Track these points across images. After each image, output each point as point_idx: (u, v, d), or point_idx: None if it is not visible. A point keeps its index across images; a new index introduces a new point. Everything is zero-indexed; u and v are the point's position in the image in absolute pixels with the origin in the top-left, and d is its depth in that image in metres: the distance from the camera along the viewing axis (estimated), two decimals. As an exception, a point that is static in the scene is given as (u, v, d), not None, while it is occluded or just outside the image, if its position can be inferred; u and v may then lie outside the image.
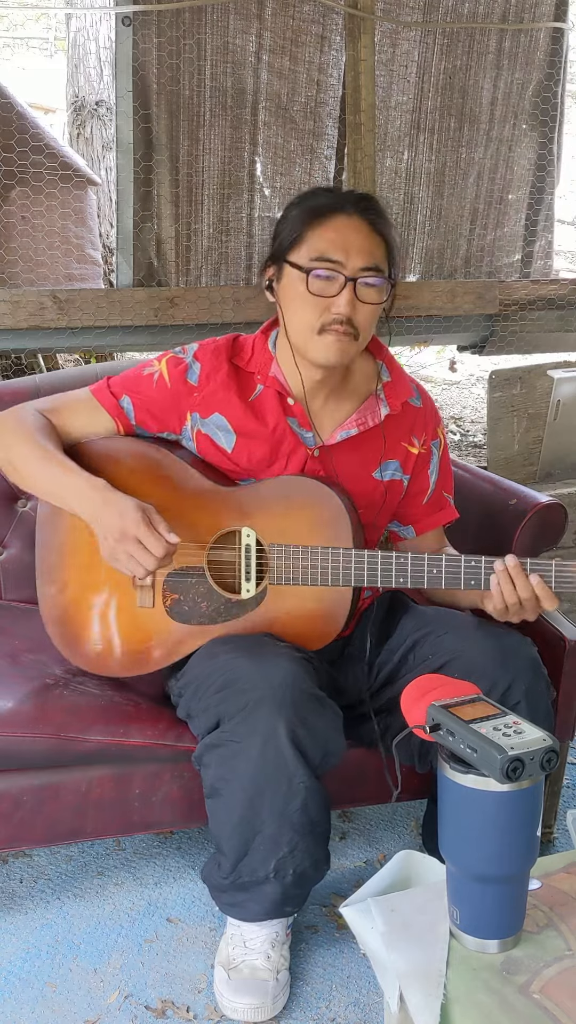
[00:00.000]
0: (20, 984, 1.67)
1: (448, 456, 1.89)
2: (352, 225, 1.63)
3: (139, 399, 1.74)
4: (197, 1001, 1.65)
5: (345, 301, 1.61)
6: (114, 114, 2.80)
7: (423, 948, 1.18)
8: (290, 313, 1.67)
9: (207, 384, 1.73)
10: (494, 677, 1.61)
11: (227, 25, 2.83)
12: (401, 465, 1.80)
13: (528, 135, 3.38)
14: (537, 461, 3.35)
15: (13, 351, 2.98)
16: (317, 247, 1.61)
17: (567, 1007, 1.08)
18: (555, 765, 1.12)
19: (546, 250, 3.55)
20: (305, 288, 1.61)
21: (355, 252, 1.61)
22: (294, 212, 1.66)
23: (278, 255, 1.67)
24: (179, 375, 1.74)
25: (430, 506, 1.86)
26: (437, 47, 3.14)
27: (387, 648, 1.77)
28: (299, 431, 1.74)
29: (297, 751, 1.51)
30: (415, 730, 1.21)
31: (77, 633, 1.78)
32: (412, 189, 3.25)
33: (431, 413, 1.85)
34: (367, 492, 1.77)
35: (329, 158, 3.12)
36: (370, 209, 1.66)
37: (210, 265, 2.98)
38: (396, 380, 1.80)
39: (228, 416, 1.72)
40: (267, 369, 1.74)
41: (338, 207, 1.63)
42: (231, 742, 1.53)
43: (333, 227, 1.62)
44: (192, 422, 1.74)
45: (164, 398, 1.74)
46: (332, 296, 1.61)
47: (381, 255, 1.65)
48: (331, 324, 1.62)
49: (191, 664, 1.69)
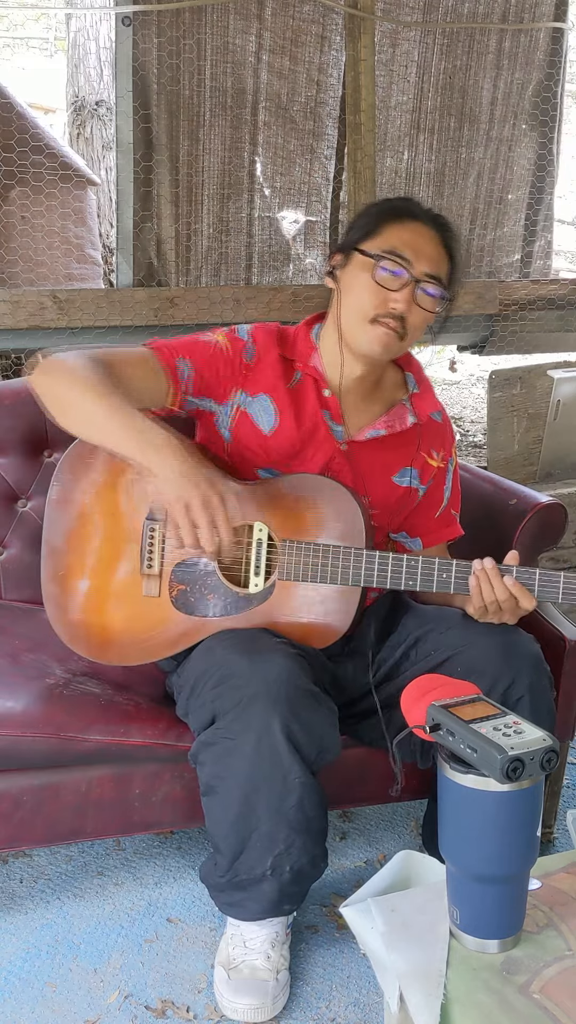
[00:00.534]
0: (20, 984, 1.67)
1: (459, 475, 1.94)
2: (426, 233, 1.69)
3: (197, 362, 1.72)
4: (197, 1001, 1.65)
5: (404, 298, 1.65)
6: (114, 114, 2.80)
7: (423, 948, 1.18)
8: (349, 298, 1.70)
9: (259, 364, 1.75)
10: (498, 672, 1.61)
11: (227, 25, 2.83)
12: (419, 475, 1.83)
13: (528, 135, 3.38)
14: (537, 461, 3.35)
15: (13, 351, 2.98)
16: (391, 241, 1.67)
17: (567, 1007, 1.08)
18: (555, 765, 1.12)
19: (545, 250, 3.55)
20: (370, 276, 1.66)
21: (424, 257, 1.67)
22: (374, 210, 1.74)
23: (349, 244, 1.72)
24: (238, 350, 1.75)
25: (440, 520, 1.89)
26: (437, 47, 3.15)
27: (388, 644, 1.77)
28: (331, 423, 1.76)
29: (292, 747, 1.51)
30: (415, 730, 1.21)
31: (78, 617, 1.76)
32: (412, 189, 3.25)
33: (449, 430, 1.90)
34: (385, 495, 1.80)
35: (329, 158, 3.13)
36: (445, 227, 1.73)
37: (210, 265, 2.98)
38: (424, 393, 1.85)
39: (275, 397, 1.74)
40: (307, 358, 1.77)
41: (417, 215, 1.71)
42: (226, 739, 1.54)
43: (409, 228, 1.68)
44: (237, 399, 1.75)
45: (221, 365, 1.74)
46: (394, 290, 1.66)
47: (446, 269, 1.71)
48: (384, 316, 1.66)
49: (189, 661, 1.69)
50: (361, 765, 1.79)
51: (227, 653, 1.59)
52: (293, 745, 1.51)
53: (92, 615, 1.76)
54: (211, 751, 1.56)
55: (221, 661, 1.58)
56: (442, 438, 1.87)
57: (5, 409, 2.10)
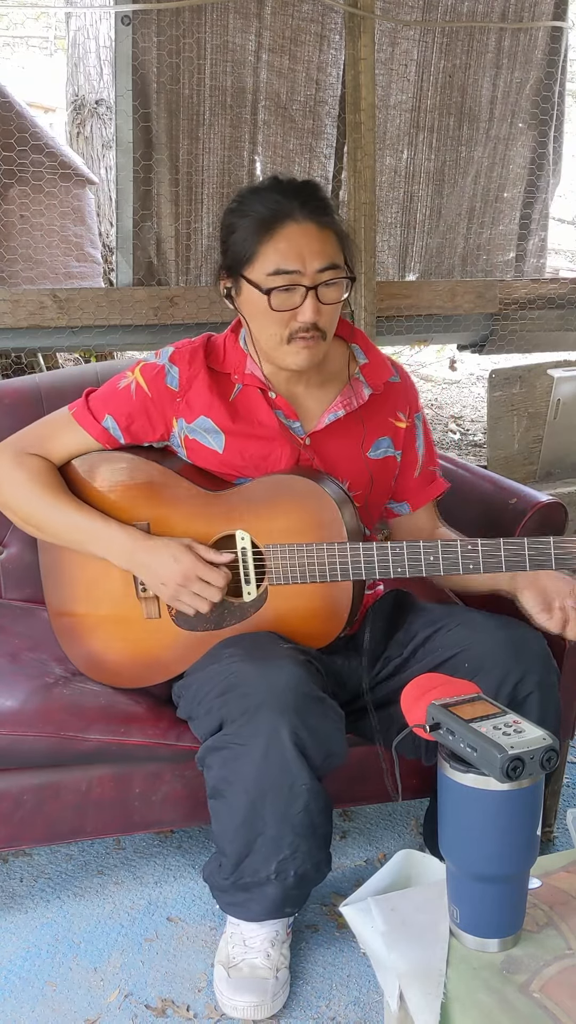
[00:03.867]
0: (20, 983, 1.68)
1: (429, 428, 1.90)
2: (301, 231, 1.59)
3: (121, 415, 1.73)
4: (197, 1000, 1.65)
5: (310, 310, 1.59)
6: (114, 113, 2.80)
7: (423, 947, 1.18)
8: (255, 326, 1.66)
9: (188, 388, 1.72)
10: (507, 668, 1.61)
11: (227, 24, 2.83)
12: (392, 441, 1.80)
13: (525, 133, 3.38)
14: (537, 460, 3.35)
15: (13, 350, 2.98)
16: (271, 260, 1.59)
17: (567, 1006, 1.08)
18: (555, 764, 1.12)
19: (540, 248, 3.55)
20: (267, 306, 1.60)
21: (310, 257, 1.59)
22: (243, 224, 1.62)
23: (233, 269, 1.65)
24: (158, 381, 1.72)
25: (421, 479, 1.86)
26: (436, 46, 3.15)
27: (395, 641, 1.76)
28: (287, 422, 1.73)
29: (300, 754, 1.51)
30: (415, 729, 1.21)
31: (94, 651, 1.80)
32: (412, 188, 3.25)
33: (411, 387, 1.86)
34: (362, 473, 1.77)
35: (328, 157, 3.12)
36: (316, 207, 1.61)
37: (210, 264, 2.98)
38: (374, 361, 1.79)
39: (214, 418, 1.71)
40: (242, 367, 1.73)
41: (284, 214, 1.59)
42: (234, 744, 1.53)
43: (284, 237, 1.59)
44: (179, 428, 1.74)
45: (145, 407, 1.73)
46: (296, 307, 1.60)
47: (334, 249, 1.62)
48: (298, 332, 1.62)
49: (194, 666, 1.70)
50: (362, 764, 1.79)
51: (234, 660, 1.59)
52: (301, 752, 1.51)
53: (100, 643, 1.79)
54: (219, 755, 1.56)
55: (228, 668, 1.58)
56: (405, 398, 1.83)
57: (5, 409, 2.10)
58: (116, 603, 1.76)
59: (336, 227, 1.64)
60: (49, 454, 1.76)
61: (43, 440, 1.76)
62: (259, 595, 1.68)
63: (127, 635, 1.76)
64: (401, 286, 3.21)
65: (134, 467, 1.75)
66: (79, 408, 1.75)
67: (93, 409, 1.74)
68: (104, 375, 2.18)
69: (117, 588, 1.75)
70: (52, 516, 1.72)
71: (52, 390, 2.15)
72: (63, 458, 1.77)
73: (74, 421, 1.74)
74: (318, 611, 1.67)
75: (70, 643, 1.83)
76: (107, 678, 1.80)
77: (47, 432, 1.77)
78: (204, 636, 1.71)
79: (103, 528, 1.69)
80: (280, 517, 1.66)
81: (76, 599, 1.81)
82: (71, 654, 1.83)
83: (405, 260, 3.32)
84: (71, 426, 1.75)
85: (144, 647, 1.76)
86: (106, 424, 1.73)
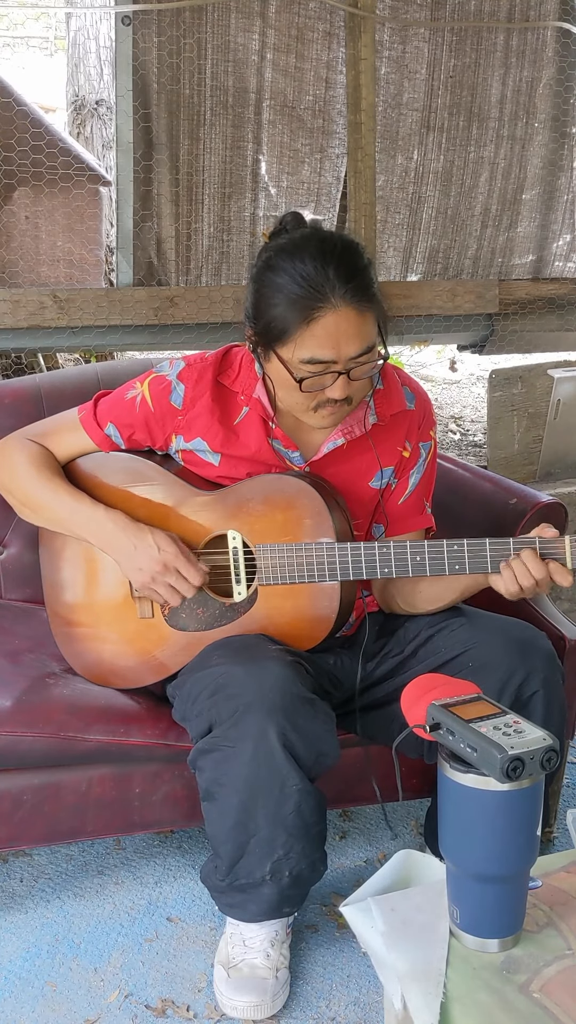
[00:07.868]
0: (20, 983, 1.67)
1: (435, 463, 1.84)
2: (341, 317, 1.52)
3: (123, 426, 1.75)
4: (197, 1000, 1.65)
5: (340, 389, 1.56)
6: (114, 113, 2.80)
7: (423, 947, 1.18)
8: (281, 392, 1.64)
9: (191, 408, 1.71)
10: (512, 667, 1.61)
11: (228, 24, 2.83)
12: (395, 470, 1.77)
13: (540, 133, 3.34)
14: (537, 460, 3.35)
15: (13, 350, 2.98)
16: (308, 348, 1.53)
17: (567, 1006, 1.08)
18: (555, 764, 1.12)
19: (565, 251, 3.50)
20: (295, 384, 1.56)
21: (346, 344, 1.53)
22: (278, 299, 1.53)
23: (265, 339, 1.58)
24: (163, 397, 1.72)
25: (405, 508, 1.80)
26: (446, 44, 3.13)
27: (395, 638, 1.76)
28: (284, 452, 1.72)
29: (288, 755, 1.51)
30: (415, 729, 1.21)
31: (89, 651, 1.81)
32: (420, 189, 3.23)
33: (426, 416, 1.80)
34: (364, 501, 1.76)
35: (340, 156, 3.10)
36: (358, 289, 1.53)
37: (210, 264, 2.98)
38: (389, 388, 1.75)
39: (210, 442, 1.72)
40: (251, 390, 1.71)
41: (324, 298, 1.51)
42: (223, 746, 1.54)
43: (323, 326, 1.52)
44: (177, 444, 1.75)
45: (147, 421, 1.74)
46: (325, 388, 1.57)
47: (371, 330, 1.57)
48: (326, 404, 1.60)
49: (186, 669, 1.70)
50: (361, 765, 1.79)
51: (223, 662, 1.59)
52: (290, 752, 1.51)
53: (96, 642, 1.80)
54: (209, 758, 1.57)
55: (217, 670, 1.59)
56: (416, 425, 1.78)
57: (5, 409, 2.10)
58: (111, 602, 1.78)
59: (376, 308, 1.57)
60: (53, 450, 1.80)
61: (49, 436, 1.81)
62: (249, 595, 1.68)
63: (121, 634, 1.77)
64: (401, 286, 3.20)
65: (131, 466, 1.77)
66: (87, 413, 1.79)
67: (99, 415, 1.78)
68: (104, 375, 2.18)
69: (112, 587, 1.77)
70: (45, 497, 1.75)
71: (52, 390, 2.15)
72: (66, 457, 1.80)
73: (80, 425, 1.78)
74: (306, 612, 1.67)
75: (66, 642, 1.83)
76: (102, 678, 1.80)
77: (54, 430, 1.82)
78: (195, 637, 1.71)
79: (90, 510, 1.72)
80: (271, 516, 1.67)
81: (72, 598, 1.82)
82: (66, 653, 1.83)
83: (408, 262, 3.31)
84: (77, 429, 1.78)
85: (138, 646, 1.77)
86: (108, 432, 1.76)
